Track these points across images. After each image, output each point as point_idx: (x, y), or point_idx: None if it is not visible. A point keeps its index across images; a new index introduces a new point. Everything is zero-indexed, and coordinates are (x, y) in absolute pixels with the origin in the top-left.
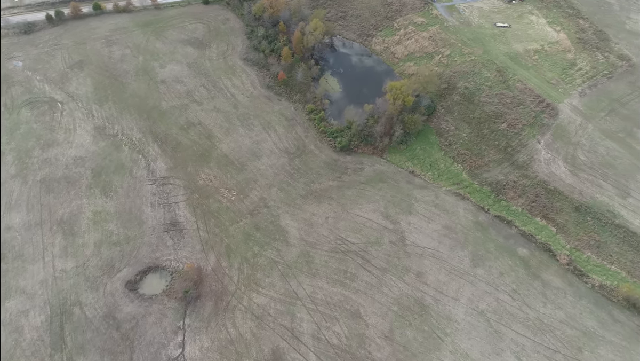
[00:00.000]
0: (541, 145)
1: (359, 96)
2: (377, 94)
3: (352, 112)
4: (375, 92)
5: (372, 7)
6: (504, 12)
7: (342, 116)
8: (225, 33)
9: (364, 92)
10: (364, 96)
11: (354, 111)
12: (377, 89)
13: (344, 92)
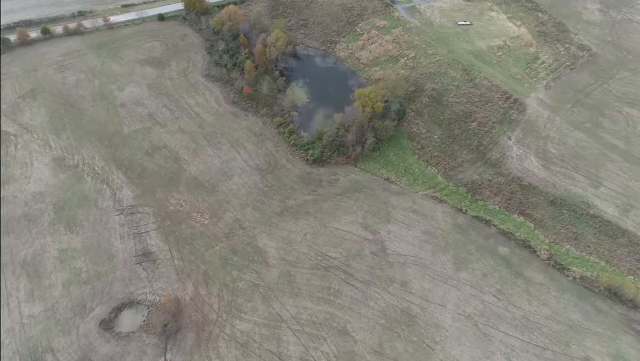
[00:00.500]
0: (512, 141)
1: (327, 105)
2: (346, 102)
3: (322, 122)
4: (343, 100)
5: (333, 13)
6: (465, 9)
7: (312, 127)
8: (184, 50)
9: (332, 101)
10: (332, 104)
11: (323, 121)
12: (345, 96)
13: (312, 102)
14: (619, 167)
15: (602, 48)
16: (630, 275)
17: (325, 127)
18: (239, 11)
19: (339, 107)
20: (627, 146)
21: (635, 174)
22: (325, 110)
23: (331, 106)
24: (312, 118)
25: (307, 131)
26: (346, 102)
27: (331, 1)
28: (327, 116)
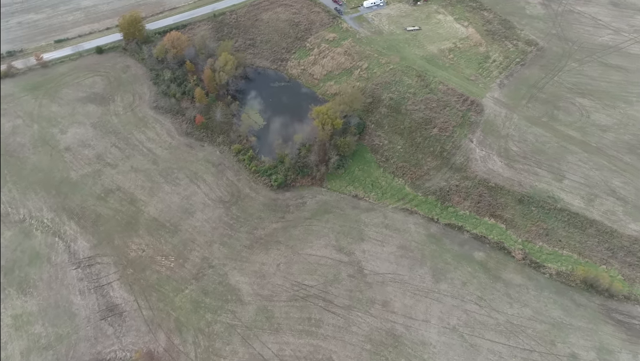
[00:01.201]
0: (474, 143)
1: (285, 125)
2: (304, 120)
3: (282, 145)
4: (301, 118)
5: (280, 30)
6: (412, 15)
7: (272, 151)
8: (128, 82)
9: (290, 121)
10: (291, 124)
11: (284, 144)
12: (303, 115)
13: (270, 124)
14: (579, 158)
15: (549, 41)
16: (603, 265)
17: (286, 149)
18: (183, 37)
19: (297, 126)
20: (584, 136)
21: (595, 163)
22: (284, 131)
23: (290, 126)
24: (271, 141)
25: (268, 155)
26: (305, 120)
27: (277, 17)
28: (286, 137)
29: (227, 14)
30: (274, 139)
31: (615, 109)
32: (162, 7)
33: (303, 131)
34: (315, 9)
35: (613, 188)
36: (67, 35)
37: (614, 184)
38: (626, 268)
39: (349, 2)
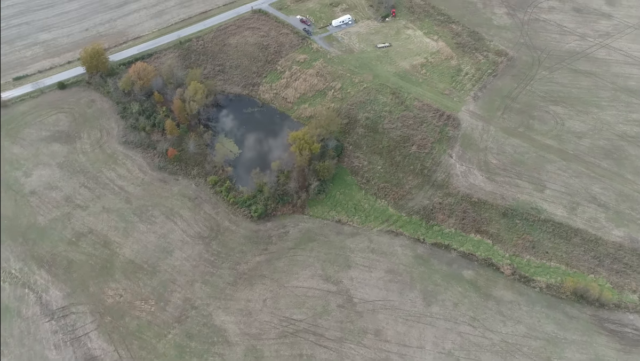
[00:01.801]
0: (454, 159)
1: (262, 152)
2: (281, 146)
3: (260, 173)
4: (278, 144)
5: (249, 54)
6: (381, 31)
7: (250, 180)
8: (94, 118)
9: (266, 148)
10: (267, 151)
11: (261, 172)
12: (279, 140)
13: (245, 153)
14: (558, 166)
15: (518, 51)
16: (591, 274)
17: (265, 177)
18: (149, 67)
19: (274, 152)
20: (560, 144)
21: (573, 171)
22: (261, 158)
23: (267, 153)
24: (248, 169)
25: (246, 184)
26: (281, 146)
27: (245, 41)
28: (264, 165)
29: (194, 40)
30: (251, 168)
31: (588, 114)
32: (125, 37)
33: (280, 158)
34: (284, 30)
35: (593, 194)
36: (26, 71)
37: (594, 190)
38: (613, 275)
39: (317, 22)
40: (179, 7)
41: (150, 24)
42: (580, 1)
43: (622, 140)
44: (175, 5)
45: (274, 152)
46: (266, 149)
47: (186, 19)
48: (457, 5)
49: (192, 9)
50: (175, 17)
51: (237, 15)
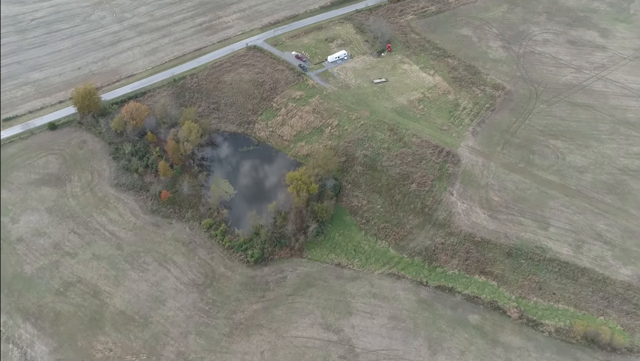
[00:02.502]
0: (455, 196)
1: (258, 193)
2: (278, 187)
3: (257, 215)
4: (274, 184)
5: (244, 91)
6: (377, 66)
7: (246, 222)
8: (85, 159)
9: (263, 188)
10: (264, 191)
11: (258, 214)
12: (275, 180)
13: (241, 194)
14: (561, 203)
15: (515, 84)
16: (600, 315)
17: (261, 220)
18: (142, 107)
19: (271, 193)
20: (562, 179)
21: (577, 207)
22: (258, 200)
23: (263, 194)
24: (244, 211)
25: (242, 227)
26: (278, 187)
27: (240, 78)
28: (260, 206)
29: (188, 78)
30: (247, 209)
31: (589, 148)
32: (118, 76)
33: (277, 199)
34: (279, 67)
35: (598, 231)
36: (16, 112)
37: (598, 227)
38: (624, 317)
39: (313, 58)
40: (172, 45)
41: (144, 62)
42: (574, 33)
43: (624, 174)
44: (169, 43)
45: (270, 193)
46: (262, 189)
47: (180, 56)
48: (452, 39)
49: (186, 47)
50: (169, 54)
51: (231, 52)
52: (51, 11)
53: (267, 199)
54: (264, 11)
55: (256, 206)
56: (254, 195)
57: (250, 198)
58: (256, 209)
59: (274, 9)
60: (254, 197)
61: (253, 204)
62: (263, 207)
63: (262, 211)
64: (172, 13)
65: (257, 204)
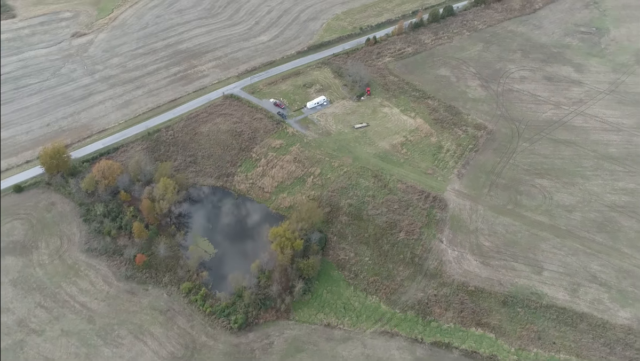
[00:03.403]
0: (445, 244)
1: (240, 251)
2: (260, 243)
3: (239, 276)
4: (257, 240)
5: (222, 142)
6: (357, 111)
7: (228, 284)
8: (53, 223)
9: (244, 245)
10: (246, 249)
11: (240, 275)
12: (258, 236)
13: (222, 253)
14: (552, 244)
15: (496, 123)
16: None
17: (244, 281)
18: (114, 165)
19: (253, 250)
20: (552, 220)
21: (569, 248)
22: (240, 258)
23: (245, 252)
24: (226, 272)
25: (224, 289)
26: (261, 243)
27: (217, 129)
28: (243, 265)
29: (163, 130)
30: (229, 269)
31: (575, 186)
32: (89, 131)
33: (260, 257)
34: (257, 115)
35: (593, 273)
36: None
37: (592, 268)
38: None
39: (292, 105)
40: (146, 96)
41: (117, 115)
42: (549, 69)
43: (612, 211)
44: (142, 95)
45: (253, 250)
46: (244, 247)
47: (154, 108)
48: (431, 80)
49: (160, 98)
50: (142, 106)
51: (208, 102)
52: (19, 66)
53: (249, 257)
54: (240, 58)
55: (238, 265)
56: (235, 253)
57: (232, 257)
58: (238, 269)
59: (250, 56)
60: (236, 255)
61: (235, 263)
62: (246, 266)
63: (244, 271)
64: (145, 63)
65: (239, 263)
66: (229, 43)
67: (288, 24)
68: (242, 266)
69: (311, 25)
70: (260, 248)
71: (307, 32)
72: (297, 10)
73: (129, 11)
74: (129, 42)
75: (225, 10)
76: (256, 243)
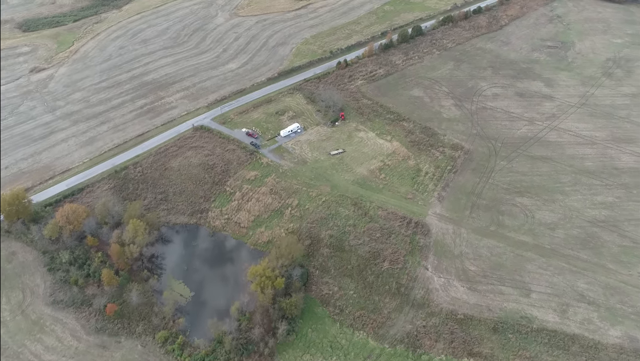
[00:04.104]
0: (430, 271)
1: (218, 293)
2: (240, 283)
3: (218, 321)
4: (235, 280)
5: (194, 177)
6: (332, 137)
7: (207, 330)
8: (14, 275)
9: (222, 286)
10: (224, 290)
11: (219, 319)
12: (236, 275)
13: (199, 295)
14: (538, 265)
15: (472, 142)
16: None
17: (224, 325)
18: (79, 208)
19: (233, 290)
20: (535, 239)
21: (555, 268)
22: (218, 300)
23: (224, 293)
24: (204, 316)
25: (203, 335)
26: (240, 283)
27: (188, 163)
28: (222, 308)
29: (131, 167)
30: (207, 313)
31: (555, 203)
32: (51, 172)
33: (240, 298)
34: (230, 146)
35: (580, 291)
36: None
37: (580, 287)
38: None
39: (265, 134)
40: (112, 132)
41: (81, 154)
42: (520, 85)
43: (594, 226)
44: (108, 130)
45: (232, 291)
46: (223, 288)
47: (121, 144)
48: (405, 101)
49: (127, 133)
50: (108, 143)
51: (177, 135)
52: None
53: (228, 298)
54: (209, 88)
55: (217, 308)
56: (213, 295)
57: (210, 299)
58: (217, 313)
59: (219, 85)
60: (214, 297)
61: (213, 306)
62: (225, 308)
63: (224, 314)
64: (109, 97)
65: (218, 305)
66: (196, 72)
67: (257, 50)
68: (221, 309)
69: (280, 50)
70: (239, 288)
71: (277, 57)
72: (265, 36)
73: (90, 43)
74: (91, 76)
75: (191, 39)
76: (235, 283)
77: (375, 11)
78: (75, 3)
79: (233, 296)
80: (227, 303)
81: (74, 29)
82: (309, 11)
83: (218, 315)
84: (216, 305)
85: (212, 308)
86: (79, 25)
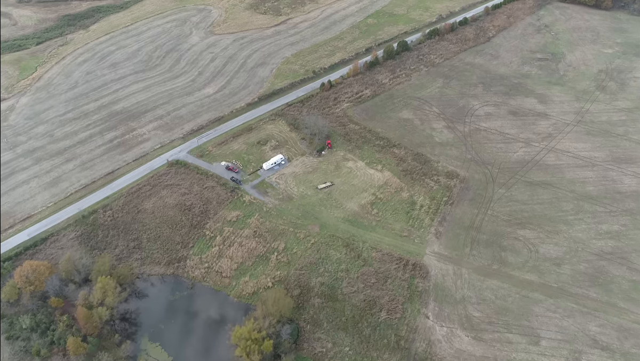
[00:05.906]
0: (431, 320)
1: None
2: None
3: None
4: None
5: (170, 220)
6: (319, 168)
7: None
8: None
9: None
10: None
11: None
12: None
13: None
14: (546, 307)
15: (468, 169)
16: None
17: None
18: (41, 266)
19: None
20: (541, 277)
21: (564, 309)
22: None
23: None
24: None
25: None
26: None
27: (163, 204)
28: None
29: (100, 211)
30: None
31: (559, 234)
32: (11, 220)
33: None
34: (208, 183)
35: (592, 335)
36: None
37: (591, 330)
38: None
39: (246, 167)
40: (79, 170)
41: (44, 197)
42: (513, 103)
43: (601, 259)
44: (74, 169)
45: (215, 354)
46: (204, 350)
47: (89, 184)
48: (394, 125)
49: (95, 171)
50: (75, 183)
51: (150, 172)
52: None
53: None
54: (184, 116)
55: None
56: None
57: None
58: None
59: (195, 112)
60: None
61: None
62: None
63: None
64: (76, 130)
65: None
66: (170, 99)
67: (235, 72)
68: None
69: (260, 71)
70: (223, 349)
71: (257, 79)
72: (243, 56)
73: (55, 68)
74: (56, 106)
75: (164, 61)
76: (218, 343)
77: (358, 25)
78: (39, 24)
79: (217, 357)
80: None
81: (37, 53)
82: (289, 27)
83: None
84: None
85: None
86: (42, 49)
